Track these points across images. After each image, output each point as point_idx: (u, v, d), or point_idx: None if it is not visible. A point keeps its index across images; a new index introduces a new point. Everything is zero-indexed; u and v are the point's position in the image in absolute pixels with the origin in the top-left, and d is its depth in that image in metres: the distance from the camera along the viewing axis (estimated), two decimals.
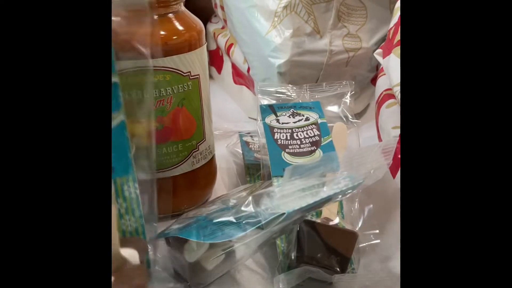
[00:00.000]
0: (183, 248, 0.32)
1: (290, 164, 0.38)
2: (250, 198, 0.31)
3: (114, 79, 0.27)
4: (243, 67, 0.60)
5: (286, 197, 0.29)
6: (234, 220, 0.30)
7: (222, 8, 0.62)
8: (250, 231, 0.28)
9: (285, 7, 0.51)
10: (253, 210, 0.30)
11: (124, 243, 0.28)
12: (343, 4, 0.52)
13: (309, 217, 0.35)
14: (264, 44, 0.53)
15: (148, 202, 0.32)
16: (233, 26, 0.58)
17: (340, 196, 0.30)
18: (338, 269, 0.31)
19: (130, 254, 0.28)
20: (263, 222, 0.28)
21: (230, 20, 0.59)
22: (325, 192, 0.29)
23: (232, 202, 0.34)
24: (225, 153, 0.51)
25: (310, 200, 0.28)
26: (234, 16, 0.57)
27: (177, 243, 0.32)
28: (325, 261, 0.31)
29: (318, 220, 0.34)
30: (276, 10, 0.51)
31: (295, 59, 0.52)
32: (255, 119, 0.61)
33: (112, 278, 0.26)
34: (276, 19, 0.52)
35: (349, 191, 0.29)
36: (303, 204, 0.28)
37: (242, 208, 0.30)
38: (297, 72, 0.53)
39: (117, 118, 0.28)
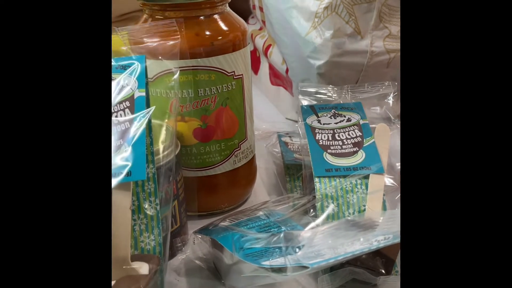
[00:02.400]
0: (224, 249, 0.32)
1: (333, 165, 0.38)
2: (281, 235, 0.29)
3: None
4: (281, 68, 0.61)
5: (316, 245, 0.27)
6: (264, 253, 0.29)
7: (261, 9, 0.62)
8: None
9: (326, 7, 0.51)
10: (283, 249, 0.28)
11: (138, 258, 0.29)
12: (384, 4, 0.52)
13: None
14: (303, 45, 0.53)
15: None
16: (272, 27, 0.59)
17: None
18: (383, 271, 0.31)
19: (140, 265, 0.28)
20: (288, 274, 0.26)
21: (269, 21, 0.60)
22: (361, 243, 0.26)
23: (275, 216, 0.34)
24: (264, 153, 0.51)
25: (341, 252, 0.26)
26: (274, 17, 0.57)
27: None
28: (370, 262, 0.31)
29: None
30: (316, 10, 0.51)
31: (335, 60, 0.51)
32: (292, 120, 0.61)
33: (113, 282, 0.27)
34: (316, 19, 0.52)
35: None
36: (331, 258, 0.26)
37: (272, 245, 0.29)
38: (337, 73, 0.52)
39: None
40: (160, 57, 0.34)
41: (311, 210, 0.37)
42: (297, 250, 0.26)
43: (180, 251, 0.36)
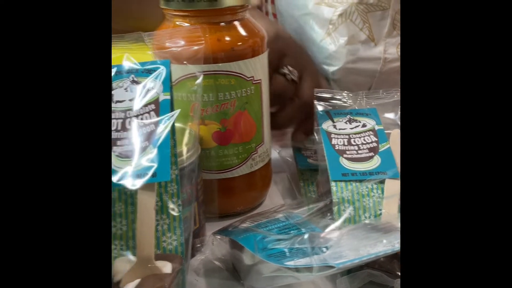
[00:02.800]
0: (244, 249, 0.33)
1: (349, 169, 0.38)
2: (306, 236, 0.30)
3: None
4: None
5: (342, 246, 0.28)
6: (288, 254, 0.29)
7: (275, 15, 0.63)
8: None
9: (340, 15, 0.52)
10: (308, 250, 0.29)
11: (161, 257, 0.30)
12: (398, 12, 0.52)
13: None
14: (318, 51, 0.54)
15: None
16: None
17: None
18: (400, 274, 0.32)
19: (163, 264, 0.29)
20: (314, 274, 0.27)
21: (283, 27, 0.60)
22: (384, 245, 0.27)
23: (295, 219, 0.35)
24: (277, 158, 0.52)
25: (364, 253, 0.27)
26: (288, 23, 0.58)
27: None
28: (388, 265, 0.32)
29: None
30: (331, 18, 0.52)
31: (349, 66, 0.52)
32: None
33: (138, 280, 0.28)
34: (331, 26, 0.52)
35: None
36: (356, 259, 0.27)
37: (296, 245, 0.29)
38: (351, 79, 0.53)
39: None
40: (184, 62, 0.35)
41: (328, 213, 0.37)
42: (324, 250, 0.27)
43: (199, 251, 0.37)
